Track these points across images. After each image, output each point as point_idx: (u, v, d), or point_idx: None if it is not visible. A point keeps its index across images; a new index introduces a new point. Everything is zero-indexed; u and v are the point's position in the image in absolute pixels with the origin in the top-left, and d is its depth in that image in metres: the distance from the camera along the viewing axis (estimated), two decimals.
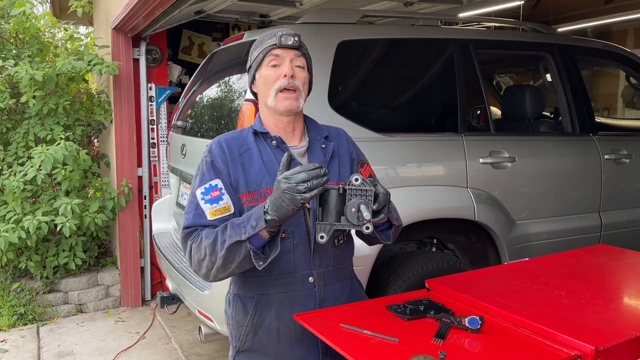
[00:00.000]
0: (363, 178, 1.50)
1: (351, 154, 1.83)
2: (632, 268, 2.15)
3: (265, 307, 1.70)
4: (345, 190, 1.50)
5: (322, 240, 1.51)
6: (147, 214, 4.69)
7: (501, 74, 5.32)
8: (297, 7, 4.28)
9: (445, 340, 1.45)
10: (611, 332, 1.46)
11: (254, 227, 1.51)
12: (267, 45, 1.67)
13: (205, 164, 1.69)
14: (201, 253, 1.60)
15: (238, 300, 1.74)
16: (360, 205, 1.47)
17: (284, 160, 1.51)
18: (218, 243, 1.56)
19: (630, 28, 6.63)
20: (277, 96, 1.66)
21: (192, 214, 1.65)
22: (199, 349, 3.86)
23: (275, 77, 1.66)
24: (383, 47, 2.95)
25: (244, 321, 1.72)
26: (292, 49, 1.67)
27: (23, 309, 4.32)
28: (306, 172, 1.44)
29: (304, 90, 1.69)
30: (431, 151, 2.92)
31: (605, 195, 3.41)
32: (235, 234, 1.53)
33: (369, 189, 1.49)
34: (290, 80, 1.64)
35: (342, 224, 1.51)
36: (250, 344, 1.72)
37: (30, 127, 4.38)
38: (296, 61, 1.67)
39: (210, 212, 1.63)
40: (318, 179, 1.44)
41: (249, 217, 1.54)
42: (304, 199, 1.44)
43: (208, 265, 1.60)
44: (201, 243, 1.60)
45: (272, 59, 1.67)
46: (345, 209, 1.49)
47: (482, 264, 3.09)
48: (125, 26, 4.21)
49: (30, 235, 3.96)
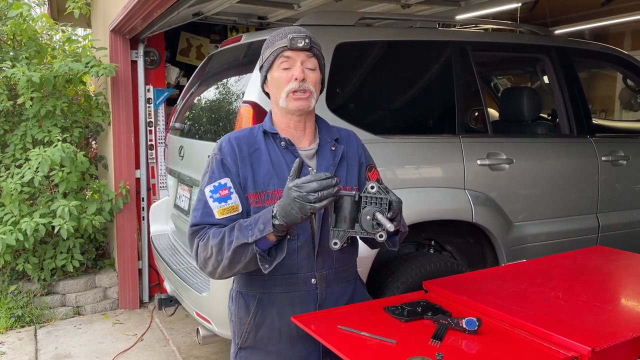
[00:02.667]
0: (379, 186, 1.50)
1: (360, 157, 1.83)
2: (629, 269, 2.16)
3: (267, 306, 1.72)
4: (361, 198, 1.50)
5: (335, 247, 1.50)
6: (145, 216, 4.68)
7: (499, 76, 5.33)
8: (295, 9, 4.29)
9: (443, 342, 1.45)
10: (608, 333, 1.47)
11: (261, 231, 1.52)
12: (278, 47, 1.67)
13: (215, 161, 1.70)
14: (207, 252, 1.61)
15: (240, 298, 1.76)
16: (376, 213, 1.46)
17: (295, 166, 1.51)
18: (225, 243, 1.57)
19: (628, 30, 6.66)
20: (288, 97, 1.67)
21: (201, 212, 1.67)
22: (196, 351, 3.86)
23: (286, 79, 1.66)
24: (381, 50, 2.96)
25: (246, 319, 1.74)
26: (303, 50, 1.67)
27: (20, 311, 4.31)
28: (317, 182, 1.44)
29: (315, 91, 1.70)
30: (429, 153, 2.92)
31: (603, 197, 3.41)
32: (243, 236, 1.54)
33: (385, 197, 1.49)
34: (301, 84, 1.65)
35: (356, 231, 1.51)
36: (252, 341, 1.74)
37: (27, 129, 4.37)
38: (307, 63, 1.68)
39: (218, 210, 1.64)
40: (329, 189, 1.44)
41: (256, 220, 1.55)
42: (313, 209, 1.44)
43: (214, 264, 1.61)
44: (208, 242, 1.61)
45: (283, 60, 1.67)
46: (360, 216, 1.49)
47: (479, 265, 3.09)
48: (123, 28, 4.21)
49: (27, 238, 3.95)
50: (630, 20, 5.75)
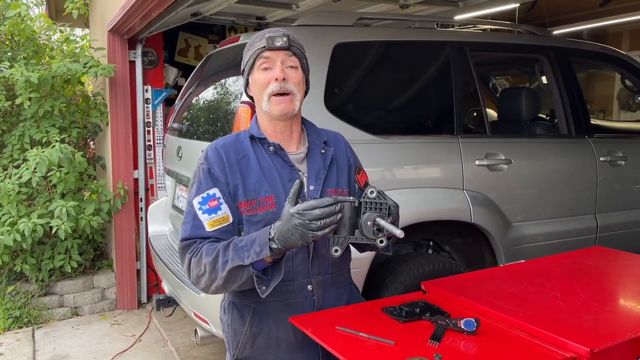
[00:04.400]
0: (378, 191, 1.48)
1: (349, 159, 1.80)
2: (627, 270, 2.16)
3: (263, 315, 1.67)
4: (360, 203, 1.48)
5: (336, 254, 1.47)
6: (143, 217, 4.68)
7: (497, 76, 5.34)
8: (294, 9, 4.29)
9: (441, 343, 1.45)
10: (606, 334, 1.47)
11: (257, 253, 1.46)
12: (256, 48, 1.63)
13: (202, 171, 1.63)
14: (200, 269, 1.55)
15: (234, 308, 1.71)
16: (376, 219, 1.44)
17: (294, 189, 1.45)
18: (219, 263, 1.51)
19: (626, 30, 6.66)
20: (270, 100, 1.62)
21: (190, 225, 1.60)
22: (195, 351, 3.85)
23: (266, 81, 1.61)
24: (379, 50, 2.96)
25: (242, 329, 1.69)
26: (282, 49, 1.62)
27: (18, 312, 4.30)
28: (320, 210, 1.38)
29: (298, 92, 1.64)
30: (427, 153, 2.92)
31: (601, 197, 3.42)
32: (238, 257, 1.48)
33: (384, 202, 1.47)
34: (282, 85, 1.60)
35: (357, 237, 1.48)
36: (249, 351, 1.69)
37: (25, 129, 4.37)
38: (288, 62, 1.62)
39: (208, 223, 1.58)
40: (331, 216, 1.39)
41: (252, 242, 1.49)
42: (315, 237, 1.40)
43: (207, 281, 1.56)
44: (201, 259, 1.55)
45: (262, 61, 1.62)
46: (360, 222, 1.47)
47: (478, 265, 3.09)
48: (122, 28, 4.21)
49: (25, 238, 3.95)
50: (628, 21, 5.76)
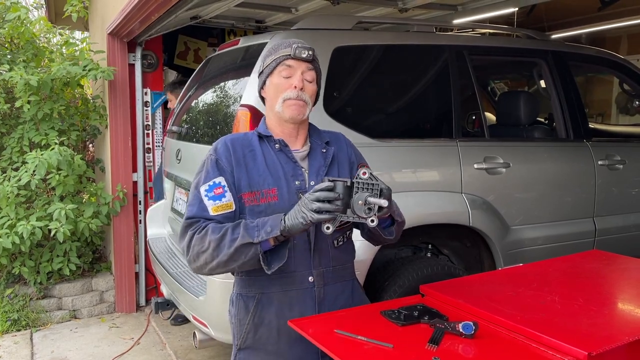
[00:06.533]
0: (371, 172, 1.54)
1: (350, 157, 1.88)
2: (625, 273, 2.16)
3: (265, 306, 1.74)
4: (353, 183, 1.54)
5: (328, 231, 1.54)
6: (142, 219, 4.67)
7: (496, 80, 5.35)
8: (293, 13, 4.30)
9: (439, 346, 1.45)
10: (604, 338, 1.47)
11: (268, 233, 1.57)
12: (281, 55, 1.73)
13: (210, 162, 1.74)
14: (203, 245, 1.64)
15: (240, 300, 1.79)
16: (368, 198, 1.51)
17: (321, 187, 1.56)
18: (226, 240, 1.60)
19: (624, 35, 6.68)
20: (284, 103, 1.72)
21: (197, 207, 1.70)
22: (193, 355, 3.85)
23: (285, 86, 1.72)
24: (378, 53, 2.96)
25: (246, 319, 1.77)
26: (306, 61, 1.73)
27: (16, 314, 4.29)
28: (320, 192, 1.52)
29: (311, 102, 1.76)
30: (426, 157, 2.93)
31: (599, 200, 3.42)
32: (249, 235, 1.58)
33: (376, 183, 1.54)
34: (299, 93, 1.71)
35: (348, 216, 1.55)
36: (252, 341, 1.77)
37: (24, 131, 4.37)
38: (307, 74, 1.74)
39: (212, 208, 1.68)
40: (329, 195, 1.51)
41: (264, 223, 1.60)
42: (312, 218, 1.51)
43: (208, 258, 1.64)
44: (205, 236, 1.63)
45: (284, 68, 1.73)
46: (352, 201, 1.53)
47: (476, 269, 3.09)
48: (121, 31, 4.22)
49: (24, 241, 3.94)
50: (626, 25, 5.77)
